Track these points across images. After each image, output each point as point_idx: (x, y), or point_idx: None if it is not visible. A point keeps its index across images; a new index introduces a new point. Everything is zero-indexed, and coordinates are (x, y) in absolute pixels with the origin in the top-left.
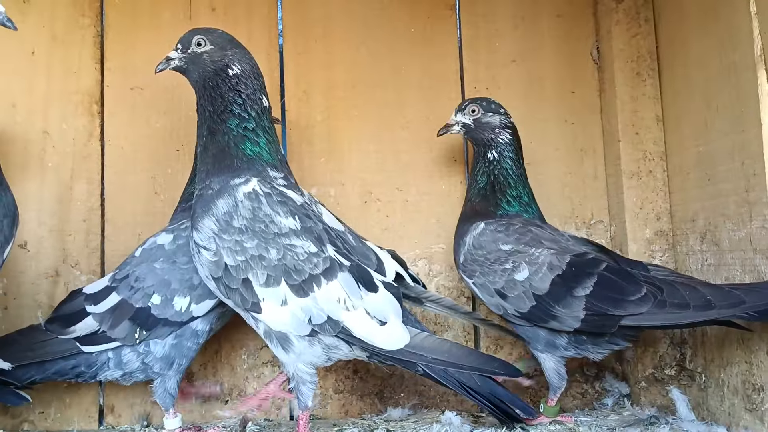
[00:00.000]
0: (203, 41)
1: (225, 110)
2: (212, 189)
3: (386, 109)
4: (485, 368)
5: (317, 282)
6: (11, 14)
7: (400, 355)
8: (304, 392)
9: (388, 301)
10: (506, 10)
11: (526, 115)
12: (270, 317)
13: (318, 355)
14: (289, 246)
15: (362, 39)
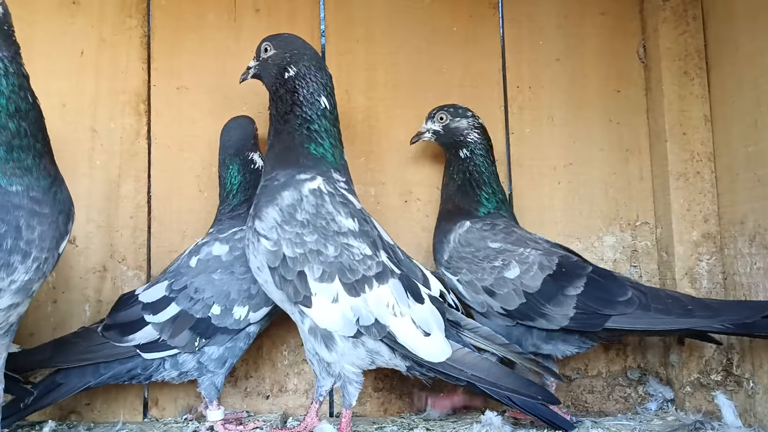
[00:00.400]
0: (269, 47)
1: (287, 112)
2: (278, 180)
3: (427, 109)
4: (523, 391)
5: (369, 284)
6: (61, 15)
7: (440, 367)
8: (350, 391)
9: (433, 313)
10: (549, 8)
11: (570, 115)
12: (319, 313)
13: (362, 358)
14: (347, 245)
15: (404, 39)
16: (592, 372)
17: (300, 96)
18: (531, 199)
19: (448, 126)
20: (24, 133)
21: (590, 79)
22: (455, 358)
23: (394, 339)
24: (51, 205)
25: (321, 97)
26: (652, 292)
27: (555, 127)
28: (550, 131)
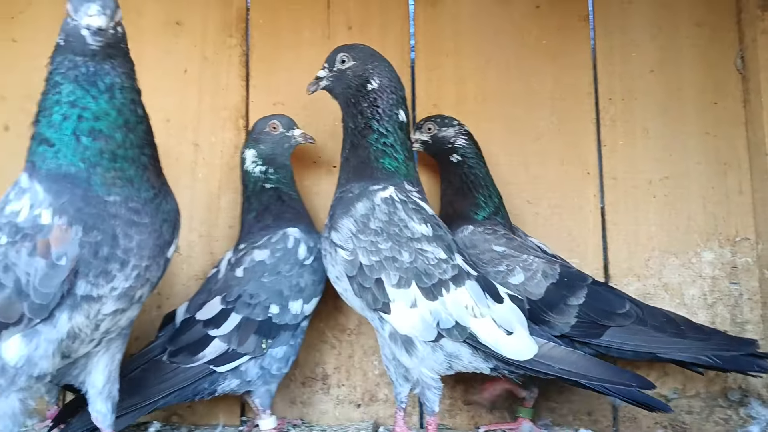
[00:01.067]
0: (346, 58)
1: (366, 126)
2: (352, 192)
3: (516, 122)
4: (615, 380)
5: (446, 287)
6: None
7: (528, 365)
8: (429, 398)
9: (514, 312)
10: (643, 19)
11: (665, 127)
12: (399, 318)
13: (440, 362)
14: (421, 250)
15: (492, 53)
16: (690, 392)
17: (380, 109)
18: (625, 213)
19: (436, 136)
20: (129, 145)
21: (685, 91)
22: (542, 353)
23: (476, 339)
24: (152, 215)
25: (399, 110)
26: (649, 308)
27: (649, 140)
28: (645, 144)
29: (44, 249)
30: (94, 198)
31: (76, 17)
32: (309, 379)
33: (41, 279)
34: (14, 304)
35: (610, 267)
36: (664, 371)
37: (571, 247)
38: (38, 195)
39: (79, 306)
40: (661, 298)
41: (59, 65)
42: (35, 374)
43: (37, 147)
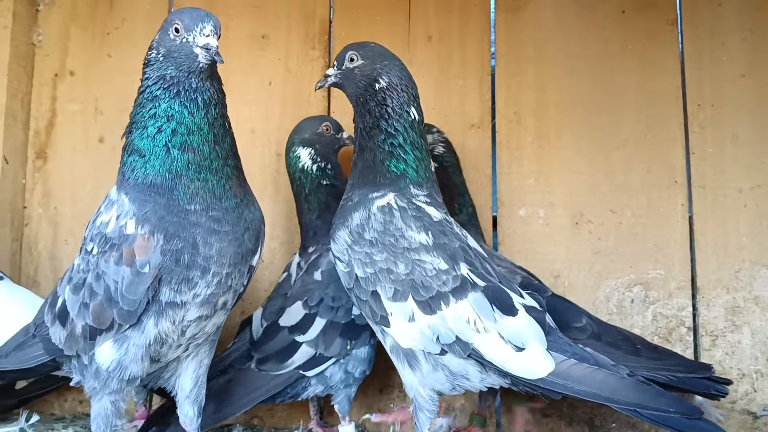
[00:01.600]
0: (355, 56)
1: (373, 126)
2: (351, 201)
3: (599, 130)
4: (649, 405)
5: (445, 300)
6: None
7: (540, 383)
8: (420, 419)
9: (528, 325)
10: (733, 22)
11: (756, 134)
12: (398, 332)
13: (441, 382)
14: (418, 261)
15: (575, 59)
16: None
17: (389, 108)
18: (714, 223)
19: None
20: (215, 157)
21: None
22: (559, 371)
23: (481, 356)
24: (233, 224)
25: (410, 108)
26: (604, 325)
27: (740, 147)
28: (734, 151)
29: (129, 258)
30: (175, 207)
31: (188, 36)
32: (386, 386)
33: (127, 286)
34: (105, 311)
35: (698, 279)
36: (752, 387)
37: (657, 258)
38: (124, 206)
39: (165, 312)
40: (752, 312)
41: (160, 80)
42: (126, 377)
43: (128, 158)
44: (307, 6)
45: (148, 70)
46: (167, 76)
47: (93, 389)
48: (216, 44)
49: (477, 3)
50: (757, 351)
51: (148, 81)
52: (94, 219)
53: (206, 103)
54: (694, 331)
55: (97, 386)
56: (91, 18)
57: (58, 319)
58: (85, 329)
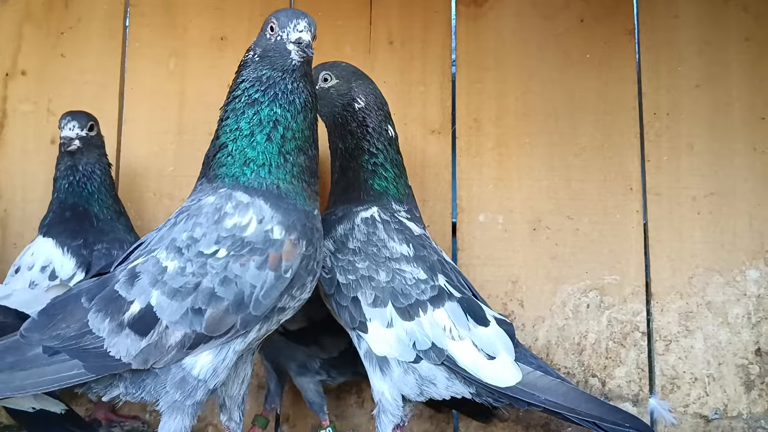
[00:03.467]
0: (329, 76)
1: (356, 147)
2: (335, 215)
3: (558, 137)
4: (607, 419)
5: (423, 307)
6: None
7: (510, 392)
8: (383, 422)
9: (499, 336)
10: (690, 34)
11: (711, 143)
12: (375, 338)
13: (410, 386)
14: (399, 270)
15: (535, 67)
16: (732, 413)
17: (369, 128)
18: (668, 230)
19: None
20: (316, 161)
21: (733, 107)
22: (526, 381)
23: (455, 362)
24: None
25: (387, 126)
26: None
27: (695, 156)
28: (690, 160)
29: (275, 262)
30: (307, 213)
31: (282, 32)
32: (344, 392)
33: (267, 291)
34: (229, 317)
35: (652, 285)
36: (705, 391)
37: (612, 264)
38: (264, 211)
39: (271, 317)
40: (704, 317)
41: (256, 81)
42: (211, 387)
43: (245, 168)
44: (268, 8)
45: (244, 72)
46: (263, 77)
47: (173, 402)
48: (309, 39)
49: (439, 9)
50: (710, 356)
51: (245, 83)
52: (217, 221)
53: (303, 105)
54: (648, 335)
55: (178, 398)
56: (45, 17)
57: (131, 328)
58: (187, 337)
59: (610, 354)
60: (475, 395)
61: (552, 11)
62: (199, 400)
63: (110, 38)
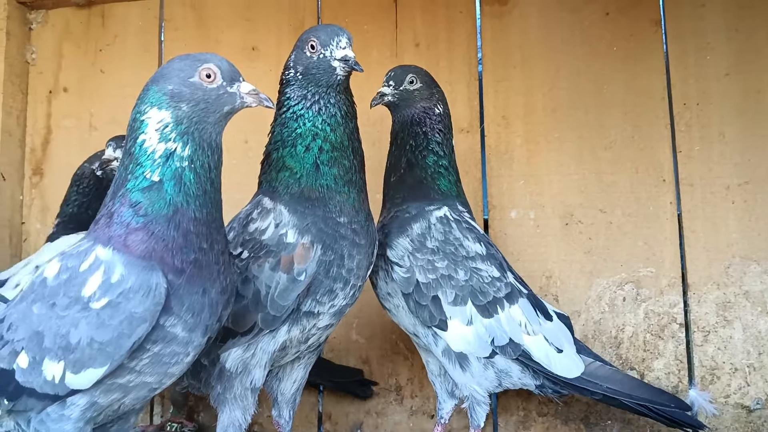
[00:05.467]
0: (415, 79)
1: (426, 147)
2: (409, 213)
3: (587, 131)
4: (657, 400)
5: (500, 304)
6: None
7: (576, 382)
8: (478, 412)
9: (561, 330)
10: (717, 22)
11: (743, 131)
12: (454, 335)
13: (490, 380)
14: (476, 269)
15: (561, 62)
16: None
17: (443, 133)
18: (703, 220)
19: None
20: (354, 170)
21: (764, 93)
22: (588, 372)
23: (529, 357)
24: (365, 237)
25: (451, 137)
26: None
27: (726, 144)
28: (721, 149)
29: (287, 265)
30: (330, 220)
31: (325, 51)
32: (383, 389)
33: (281, 292)
34: (249, 314)
35: (689, 275)
36: (745, 381)
37: (647, 256)
38: (283, 215)
39: (299, 321)
40: (743, 306)
41: (302, 99)
42: (247, 384)
43: (279, 173)
44: (296, 17)
45: (288, 90)
46: (308, 94)
47: (218, 395)
48: (353, 55)
49: (463, 9)
50: (749, 345)
51: (290, 101)
52: (245, 225)
53: (344, 117)
54: (686, 327)
55: (219, 390)
56: (83, 35)
57: None
58: (219, 331)
59: (648, 346)
60: (539, 387)
61: (577, 5)
62: (240, 394)
63: (146, 52)
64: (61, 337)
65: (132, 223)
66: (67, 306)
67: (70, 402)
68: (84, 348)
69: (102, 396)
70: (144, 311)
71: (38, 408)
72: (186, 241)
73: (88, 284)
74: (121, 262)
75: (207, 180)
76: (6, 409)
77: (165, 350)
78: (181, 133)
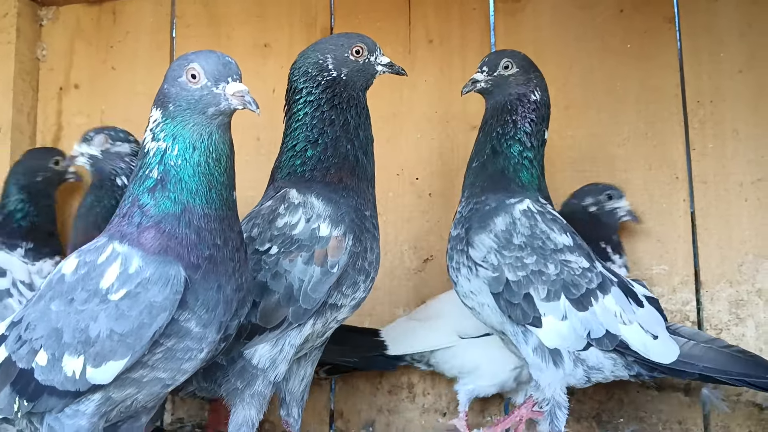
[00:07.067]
0: (510, 64)
1: (513, 136)
2: (489, 205)
3: (600, 128)
4: (754, 373)
5: (594, 296)
6: (253, 58)
7: (674, 366)
8: (559, 417)
9: (653, 315)
10: (730, 18)
11: (756, 128)
12: (549, 331)
13: (578, 377)
14: (565, 261)
15: (574, 58)
16: None
17: (533, 123)
18: (716, 218)
19: (108, 151)
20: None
21: None
22: (683, 353)
23: (627, 346)
24: (378, 232)
25: (545, 128)
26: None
27: (740, 142)
28: (735, 146)
29: (321, 258)
30: (359, 211)
31: (371, 57)
32: (395, 387)
33: (314, 285)
34: (280, 309)
35: (701, 273)
36: None
37: (660, 254)
38: (315, 208)
39: (323, 313)
40: (755, 304)
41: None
42: (272, 378)
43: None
44: (308, 14)
45: (317, 92)
46: (345, 95)
47: (234, 391)
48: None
49: (476, 6)
50: (762, 343)
51: (332, 101)
52: (270, 221)
53: (367, 115)
54: (699, 325)
55: (239, 387)
56: (95, 32)
57: None
58: (244, 328)
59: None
60: (634, 376)
61: (590, 2)
62: (259, 391)
63: (158, 50)
64: (80, 331)
65: (143, 223)
66: (85, 300)
67: (85, 397)
68: (104, 341)
69: (116, 391)
70: (164, 300)
71: (58, 407)
72: (199, 237)
73: (106, 276)
74: (138, 255)
75: (211, 177)
76: (26, 410)
77: (178, 345)
78: (169, 133)
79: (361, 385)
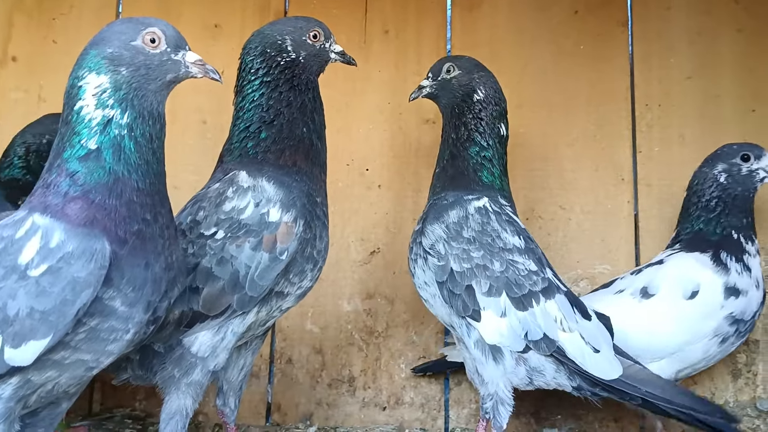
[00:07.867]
0: (452, 68)
1: (467, 138)
2: (446, 200)
3: (551, 127)
4: (700, 408)
5: (536, 298)
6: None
7: (615, 384)
8: (502, 413)
9: (600, 330)
10: (681, 25)
11: (702, 134)
12: (488, 327)
13: (521, 377)
14: (512, 261)
15: (529, 59)
16: (719, 401)
17: (483, 122)
18: (658, 220)
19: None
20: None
21: (723, 98)
22: (627, 374)
23: (564, 353)
24: (328, 220)
25: (501, 124)
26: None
27: (686, 146)
28: (681, 150)
29: (270, 244)
30: (310, 197)
31: (326, 44)
32: (335, 380)
33: (261, 272)
34: (225, 296)
35: None
36: (692, 380)
37: (603, 254)
38: (265, 192)
39: (269, 301)
40: None
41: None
42: (211, 367)
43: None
44: None
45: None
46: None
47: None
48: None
49: None
50: None
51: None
52: (218, 204)
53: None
54: None
55: (176, 375)
56: (36, 5)
57: None
58: (185, 315)
59: None
60: (576, 388)
61: (546, 3)
62: (197, 380)
63: (102, 24)
64: None
65: (70, 192)
66: (2, 277)
67: (2, 380)
68: (23, 319)
69: (36, 374)
70: (88, 275)
71: None
72: (129, 211)
73: (25, 251)
74: (60, 228)
75: (149, 150)
76: None
77: (103, 325)
78: (119, 100)
79: (300, 377)
